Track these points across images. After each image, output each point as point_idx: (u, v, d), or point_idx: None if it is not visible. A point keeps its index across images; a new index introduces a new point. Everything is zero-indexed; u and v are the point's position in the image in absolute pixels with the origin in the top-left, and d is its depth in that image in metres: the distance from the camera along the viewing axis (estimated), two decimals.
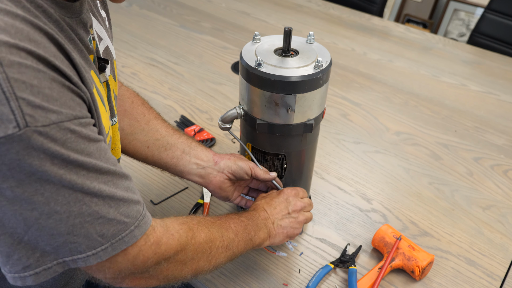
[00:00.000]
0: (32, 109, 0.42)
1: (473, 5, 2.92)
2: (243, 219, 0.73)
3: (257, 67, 0.70)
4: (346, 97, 1.40)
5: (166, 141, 0.83)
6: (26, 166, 0.43)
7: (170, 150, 0.83)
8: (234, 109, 0.78)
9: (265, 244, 0.76)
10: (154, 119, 0.86)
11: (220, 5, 2.00)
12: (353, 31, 1.84)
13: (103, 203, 0.50)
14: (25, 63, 0.41)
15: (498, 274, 0.87)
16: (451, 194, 1.06)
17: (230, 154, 0.84)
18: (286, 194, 0.80)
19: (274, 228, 0.76)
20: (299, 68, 0.71)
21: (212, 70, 1.50)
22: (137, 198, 0.56)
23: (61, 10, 0.51)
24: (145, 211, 0.57)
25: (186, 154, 0.82)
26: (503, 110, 1.39)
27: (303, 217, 0.80)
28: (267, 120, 0.74)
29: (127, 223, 0.53)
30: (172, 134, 0.84)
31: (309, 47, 0.78)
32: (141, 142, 0.83)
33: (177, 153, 0.82)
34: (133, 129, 0.84)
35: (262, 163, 0.83)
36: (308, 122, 0.75)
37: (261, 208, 0.77)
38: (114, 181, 0.52)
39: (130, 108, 0.86)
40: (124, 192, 0.53)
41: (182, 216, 0.67)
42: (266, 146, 0.80)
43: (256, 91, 0.72)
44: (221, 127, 0.80)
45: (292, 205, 0.79)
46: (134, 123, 0.84)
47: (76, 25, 0.54)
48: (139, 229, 0.55)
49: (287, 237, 0.78)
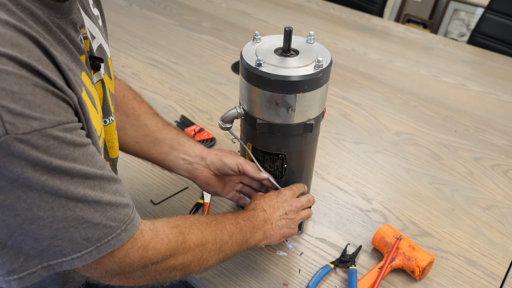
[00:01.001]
0: (13, 116, 0.41)
1: (473, 5, 2.92)
2: (240, 220, 0.73)
3: (257, 66, 0.70)
4: (346, 97, 1.40)
5: (155, 137, 0.84)
6: (7, 173, 0.43)
7: (159, 145, 0.84)
8: (234, 109, 0.78)
9: (261, 244, 0.76)
10: (145, 114, 0.86)
11: (220, 5, 2.00)
12: (353, 31, 1.84)
13: (89, 208, 0.50)
14: (5, 69, 0.41)
15: (498, 274, 0.87)
16: (451, 194, 1.06)
17: (219, 150, 0.84)
18: (284, 195, 0.80)
19: (272, 228, 0.76)
20: (299, 68, 0.71)
21: (212, 70, 1.50)
22: (125, 201, 0.56)
23: (50, 11, 0.50)
24: (134, 214, 0.57)
25: (174, 150, 0.83)
26: (503, 110, 1.39)
27: (300, 217, 0.80)
28: (267, 119, 0.74)
29: (114, 227, 0.53)
30: (161, 129, 0.85)
31: (309, 47, 0.78)
32: (130, 137, 0.84)
33: (165, 148, 0.83)
34: (123, 124, 0.84)
35: (262, 162, 0.83)
36: (308, 122, 0.75)
37: (261, 208, 0.77)
38: (102, 185, 0.51)
39: (121, 102, 0.86)
40: (112, 196, 0.53)
41: (175, 217, 0.66)
42: (266, 145, 0.80)
43: (256, 91, 0.72)
44: (221, 127, 0.80)
45: (289, 205, 0.79)
46: (124, 118, 0.85)
47: (66, 26, 0.54)
48: (126, 233, 0.55)
49: (283, 237, 0.79)
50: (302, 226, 0.88)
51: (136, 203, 0.98)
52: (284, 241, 0.81)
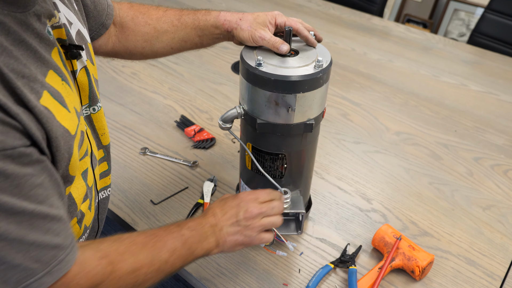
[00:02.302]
0: None
1: (473, 5, 2.92)
2: (185, 231, 0.68)
3: (257, 66, 0.70)
4: (346, 97, 1.40)
5: (180, 36, 0.85)
6: None
7: (189, 41, 0.86)
8: (235, 109, 0.78)
9: (214, 252, 0.71)
10: (156, 21, 0.86)
11: (220, 5, 2.00)
12: (353, 31, 1.84)
13: (9, 247, 0.46)
14: None
15: (498, 274, 0.87)
16: (451, 194, 1.06)
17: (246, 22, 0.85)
18: (240, 198, 0.74)
19: (222, 235, 0.70)
20: (299, 67, 0.71)
21: (212, 70, 1.50)
22: (56, 241, 0.51)
23: (9, 7, 0.47)
24: (66, 255, 0.52)
25: (204, 32, 0.85)
26: (503, 110, 1.39)
27: (258, 224, 0.72)
28: (268, 119, 0.74)
29: (35, 269, 0.49)
30: (180, 26, 0.85)
31: (309, 47, 0.78)
32: (162, 47, 0.87)
33: (196, 40, 0.85)
34: (150, 37, 0.85)
35: (262, 162, 0.83)
36: (308, 121, 0.75)
37: (211, 212, 0.72)
38: (31, 222, 0.47)
39: (133, 25, 0.86)
40: (41, 235, 0.48)
41: (107, 242, 0.61)
42: (267, 145, 0.80)
43: (256, 91, 0.72)
44: (222, 127, 0.80)
45: (243, 211, 0.72)
46: (145, 38, 0.86)
47: (30, 19, 0.50)
48: (50, 276, 0.50)
49: (240, 245, 0.72)
50: (302, 226, 0.88)
51: (136, 203, 0.98)
52: (284, 240, 0.81)
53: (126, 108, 1.29)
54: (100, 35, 0.83)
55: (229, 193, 1.02)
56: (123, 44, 0.86)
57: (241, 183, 0.91)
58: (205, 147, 1.15)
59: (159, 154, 1.12)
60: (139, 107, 1.30)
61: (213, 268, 0.85)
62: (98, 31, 0.82)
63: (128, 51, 0.87)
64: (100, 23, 0.81)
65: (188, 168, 1.08)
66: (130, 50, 0.87)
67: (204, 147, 1.15)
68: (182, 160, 1.10)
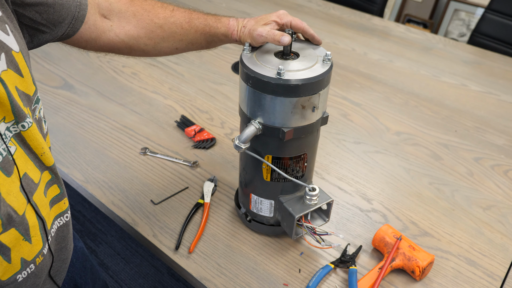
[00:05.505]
0: None
1: (474, 5, 2.92)
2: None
3: (279, 76, 0.69)
4: (347, 97, 1.40)
5: (189, 40, 0.86)
6: None
7: (196, 43, 0.87)
8: (252, 126, 0.75)
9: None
10: (164, 20, 0.86)
11: (221, 5, 2.00)
12: (353, 31, 1.84)
13: None
14: None
15: (498, 274, 0.87)
16: (451, 194, 1.06)
17: None
18: None
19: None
20: (312, 67, 0.72)
21: (213, 70, 1.50)
22: None
23: None
24: None
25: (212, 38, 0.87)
26: (503, 110, 1.39)
27: None
28: (293, 125, 0.74)
29: None
30: (189, 29, 0.86)
31: (302, 46, 0.79)
32: (168, 47, 0.87)
33: (203, 43, 0.87)
34: (155, 37, 0.86)
35: (285, 169, 0.81)
36: (324, 115, 0.78)
37: None
38: None
39: (136, 23, 0.86)
40: None
41: None
42: (290, 151, 0.79)
43: (280, 101, 0.71)
44: (239, 148, 0.75)
45: None
46: (151, 36, 0.86)
47: None
48: None
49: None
50: (330, 214, 0.87)
51: (136, 203, 0.98)
52: (327, 233, 0.82)
53: (126, 108, 1.29)
54: (76, 29, 0.77)
55: (229, 193, 1.02)
56: (122, 39, 0.84)
57: (252, 197, 0.88)
58: (205, 147, 1.15)
59: (159, 154, 1.12)
60: (139, 107, 1.30)
61: (213, 268, 0.85)
62: (72, 26, 0.75)
63: (128, 47, 0.86)
64: (71, 17, 0.74)
65: (188, 168, 1.08)
66: (131, 46, 0.86)
67: (204, 147, 1.15)
68: (182, 160, 1.10)
